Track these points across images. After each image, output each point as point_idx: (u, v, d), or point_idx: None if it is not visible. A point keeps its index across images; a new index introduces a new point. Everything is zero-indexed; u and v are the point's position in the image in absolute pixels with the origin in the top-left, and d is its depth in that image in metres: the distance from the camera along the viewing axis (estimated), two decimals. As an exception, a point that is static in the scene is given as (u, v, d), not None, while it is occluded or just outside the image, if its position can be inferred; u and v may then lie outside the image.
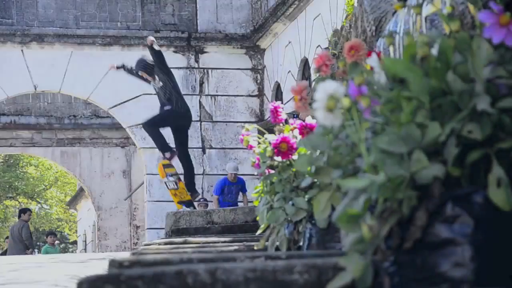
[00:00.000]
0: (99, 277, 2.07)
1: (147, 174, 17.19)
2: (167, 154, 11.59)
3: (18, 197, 33.81)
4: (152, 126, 11.58)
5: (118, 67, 11.85)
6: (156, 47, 11.10)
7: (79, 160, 21.78)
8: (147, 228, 17.30)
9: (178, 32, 17.30)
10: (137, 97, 17.17)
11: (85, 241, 28.77)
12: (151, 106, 17.20)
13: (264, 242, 3.39)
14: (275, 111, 3.47)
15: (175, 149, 11.90)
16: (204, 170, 17.28)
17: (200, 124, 17.35)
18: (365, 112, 1.84)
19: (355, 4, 4.11)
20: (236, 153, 17.43)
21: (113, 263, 2.76)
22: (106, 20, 17.05)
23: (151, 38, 11.18)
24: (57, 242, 21.25)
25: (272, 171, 3.45)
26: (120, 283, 2.06)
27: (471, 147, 1.72)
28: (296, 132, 3.38)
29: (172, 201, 17.24)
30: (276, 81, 17.17)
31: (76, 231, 33.85)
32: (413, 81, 1.77)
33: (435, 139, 1.73)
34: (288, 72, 16.39)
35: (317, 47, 14.92)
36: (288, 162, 3.33)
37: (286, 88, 16.58)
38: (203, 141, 17.35)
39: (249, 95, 17.67)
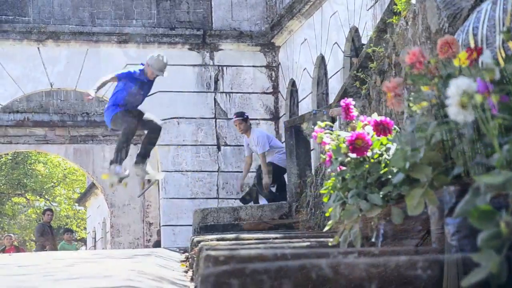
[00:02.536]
0: (224, 271, 2.09)
1: (162, 171, 17.19)
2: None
3: (26, 194, 33.84)
4: None
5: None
6: None
7: (92, 157, 21.82)
8: (162, 225, 17.32)
9: (193, 29, 17.31)
10: (152, 94, 17.16)
11: (95, 238, 28.81)
12: (166, 104, 17.26)
13: (338, 238, 3.40)
14: (347, 108, 3.47)
15: None
16: (219, 167, 17.29)
17: (215, 121, 17.36)
18: (493, 109, 1.85)
19: (413, 1, 4.09)
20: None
21: (208, 258, 2.77)
22: (122, 17, 17.06)
23: None
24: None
25: (343, 168, 3.45)
26: (245, 276, 2.07)
27: None
28: (368, 128, 3.39)
29: (187, 198, 17.32)
30: (291, 79, 17.17)
31: (85, 228, 33.88)
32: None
33: None
34: (304, 70, 16.38)
35: (334, 44, 14.92)
36: (361, 159, 3.33)
37: (302, 85, 16.58)
38: (218, 138, 17.36)
39: (264, 93, 17.67)
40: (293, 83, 17.24)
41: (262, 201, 13.06)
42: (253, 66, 17.63)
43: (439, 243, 2.78)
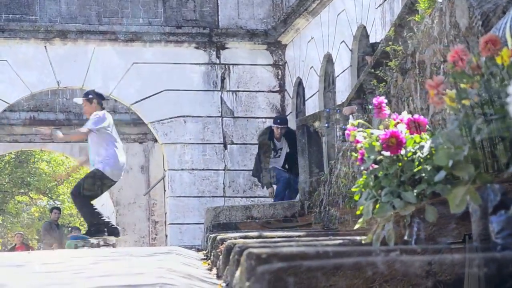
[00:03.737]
0: (279, 268, 2.10)
1: (168, 169, 17.22)
2: None
3: (30, 192, 33.84)
4: None
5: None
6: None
7: (98, 156, 21.78)
8: (169, 224, 17.34)
9: (200, 28, 17.31)
10: (159, 93, 17.20)
11: (99, 236, 28.79)
12: (173, 102, 17.27)
13: (371, 236, 3.40)
14: (379, 106, 3.47)
15: None
16: (225, 165, 17.31)
17: (222, 120, 17.37)
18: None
19: (439, -1, 4.11)
20: (257, 149, 17.44)
21: (250, 256, 2.77)
22: (128, 16, 17.07)
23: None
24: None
25: (375, 166, 3.46)
26: (300, 273, 2.08)
27: None
28: (401, 126, 3.39)
29: (193, 197, 17.33)
30: (298, 77, 17.18)
31: (88, 227, 33.86)
32: None
33: None
34: (311, 68, 16.38)
35: (341, 42, 14.91)
36: (395, 157, 3.34)
37: (308, 83, 16.58)
38: (224, 137, 17.37)
39: (270, 91, 17.69)
40: (299, 82, 17.25)
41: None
42: (260, 65, 17.64)
43: (481, 241, 2.78)
